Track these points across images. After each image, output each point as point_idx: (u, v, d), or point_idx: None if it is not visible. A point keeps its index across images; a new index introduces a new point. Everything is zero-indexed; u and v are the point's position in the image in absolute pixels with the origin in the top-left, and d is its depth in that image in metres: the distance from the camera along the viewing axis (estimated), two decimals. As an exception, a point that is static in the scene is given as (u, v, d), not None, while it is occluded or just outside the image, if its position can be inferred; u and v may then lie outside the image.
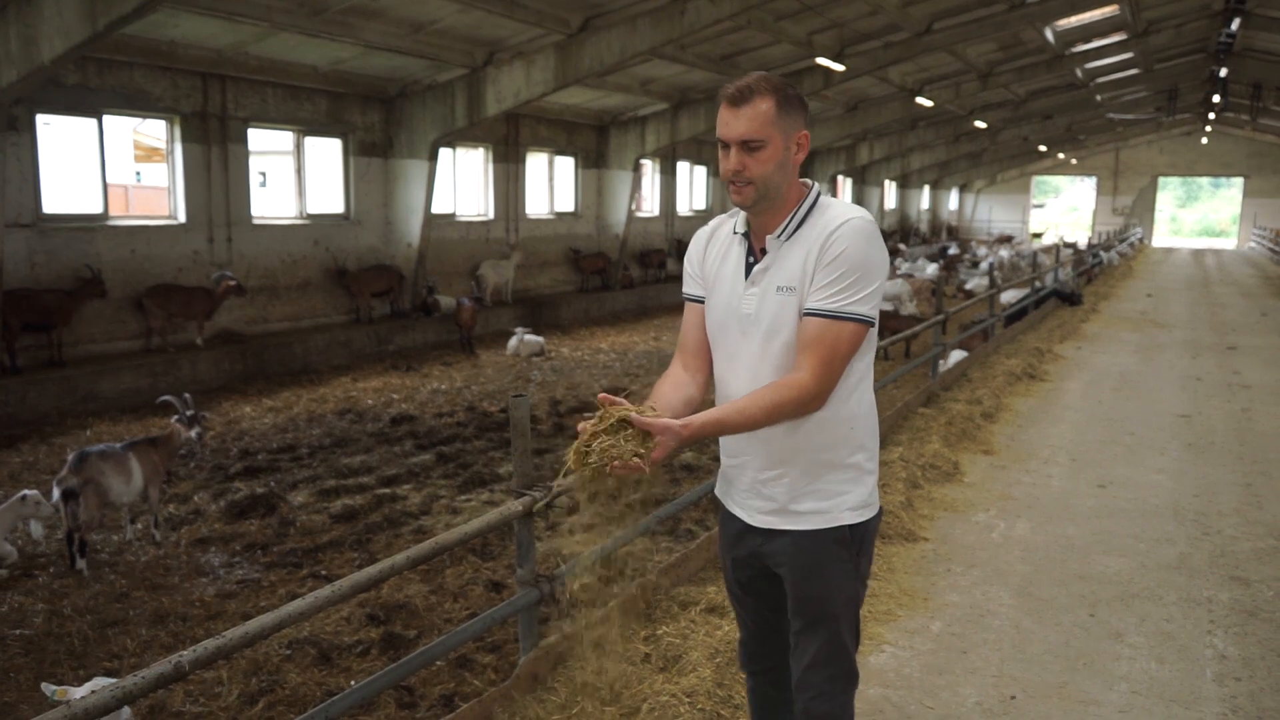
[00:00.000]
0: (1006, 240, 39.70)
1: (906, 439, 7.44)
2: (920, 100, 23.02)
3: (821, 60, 16.89)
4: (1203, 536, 5.76)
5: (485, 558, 6.39)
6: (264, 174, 20.47)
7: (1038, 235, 44.99)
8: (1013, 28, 17.70)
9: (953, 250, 32.02)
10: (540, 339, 14.37)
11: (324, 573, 6.16)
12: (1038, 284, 17.34)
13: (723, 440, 2.55)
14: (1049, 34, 20.39)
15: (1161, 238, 48.93)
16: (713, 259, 2.53)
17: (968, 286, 21.52)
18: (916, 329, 9.38)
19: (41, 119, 10.61)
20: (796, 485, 2.42)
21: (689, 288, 2.61)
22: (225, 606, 5.71)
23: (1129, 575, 5.07)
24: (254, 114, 12.73)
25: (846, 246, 2.26)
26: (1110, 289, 21.93)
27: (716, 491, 2.68)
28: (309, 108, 13.55)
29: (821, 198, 2.41)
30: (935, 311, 10.27)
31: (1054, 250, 21.66)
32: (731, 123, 2.30)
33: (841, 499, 2.41)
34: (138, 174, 24.02)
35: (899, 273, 23.34)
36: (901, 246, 32.98)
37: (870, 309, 2.29)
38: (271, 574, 6.17)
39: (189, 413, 7.03)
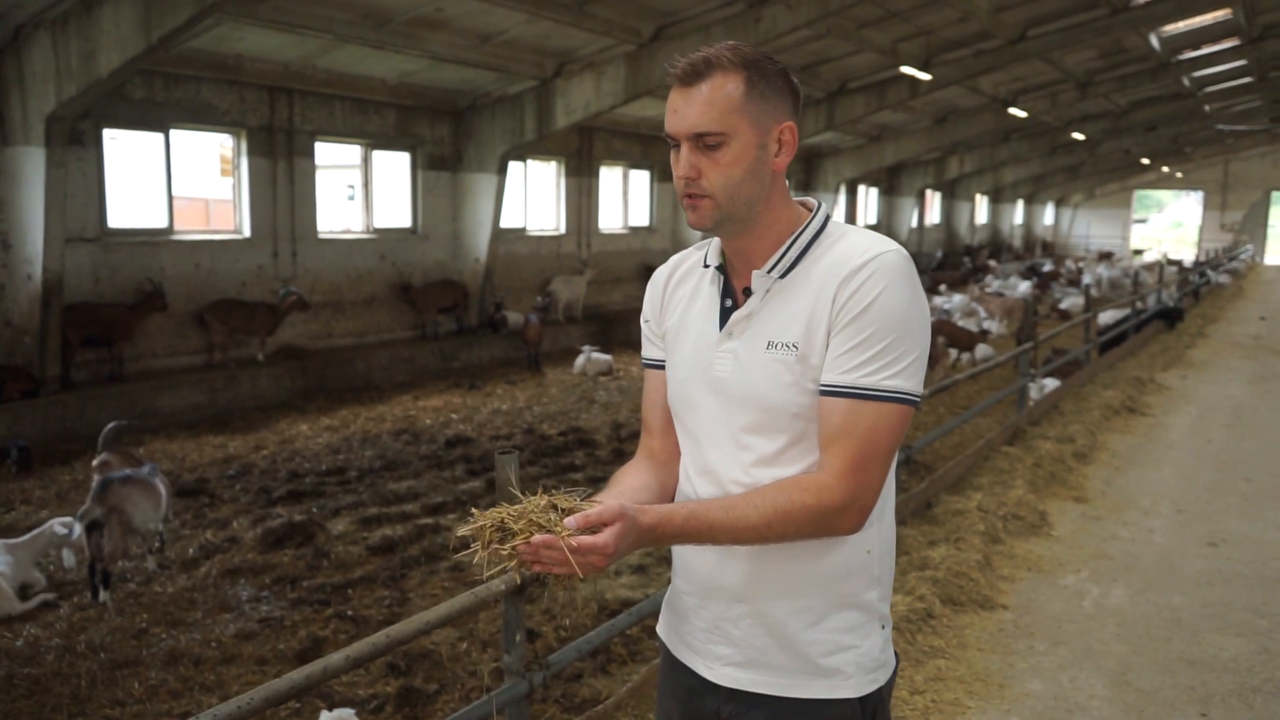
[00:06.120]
0: (1106, 257, 37.94)
1: (987, 483, 6.73)
2: (1014, 111, 21.96)
3: (907, 69, 16.12)
4: (1336, 613, 4.96)
5: (526, 600, 5.95)
6: (353, 187, 20.53)
7: (1139, 252, 42.93)
8: (1114, 34, 16.63)
9: (1047, 267, 30.60)
10: (608, 357, 13.95)
11: (349, 612, 5.83)
12: (1139, 304, 16.21)
13: (677, 555, 1.84)
14: (1154, 40, 19.17)
15: (1275, 255, 46.20)
16: (677, 303, 1.85)
17: (1063, 306, 20.41)
18: (989, 364, 8.54)
19: (108, 134, 10.62)
20: (785, 629, 1.71)
21: (648, 350, 1.93)
22: (241, 649, 5.40)
23: (1248, 662, 4.32)
24: (321, 127, 12.62)
25: (880, 294, 1.60)
26: (1219, 311, 20.48)
27: (660, 630, 1.94)
28: (377, 121, 13.41)
29: (831, 222, 1.75)
30: (1022, 336, 9.49)
31: (1157, 268, 20.36)
32: (681, 109, 1.64)
33: (846, 656, 1.71)
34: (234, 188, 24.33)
35: (988, 291, 22.30)
36: (991, 263, 31.73)
37: (917, 384, 1.63)
38: (296, 612, 5.87)
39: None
